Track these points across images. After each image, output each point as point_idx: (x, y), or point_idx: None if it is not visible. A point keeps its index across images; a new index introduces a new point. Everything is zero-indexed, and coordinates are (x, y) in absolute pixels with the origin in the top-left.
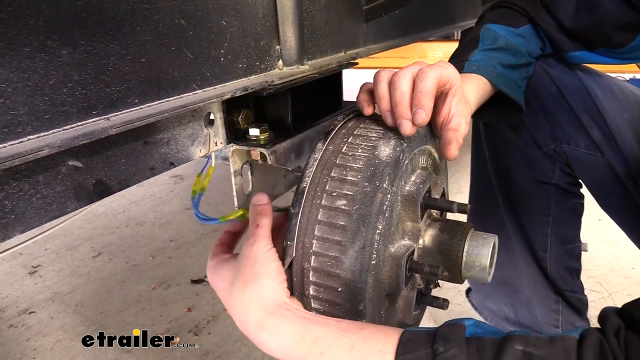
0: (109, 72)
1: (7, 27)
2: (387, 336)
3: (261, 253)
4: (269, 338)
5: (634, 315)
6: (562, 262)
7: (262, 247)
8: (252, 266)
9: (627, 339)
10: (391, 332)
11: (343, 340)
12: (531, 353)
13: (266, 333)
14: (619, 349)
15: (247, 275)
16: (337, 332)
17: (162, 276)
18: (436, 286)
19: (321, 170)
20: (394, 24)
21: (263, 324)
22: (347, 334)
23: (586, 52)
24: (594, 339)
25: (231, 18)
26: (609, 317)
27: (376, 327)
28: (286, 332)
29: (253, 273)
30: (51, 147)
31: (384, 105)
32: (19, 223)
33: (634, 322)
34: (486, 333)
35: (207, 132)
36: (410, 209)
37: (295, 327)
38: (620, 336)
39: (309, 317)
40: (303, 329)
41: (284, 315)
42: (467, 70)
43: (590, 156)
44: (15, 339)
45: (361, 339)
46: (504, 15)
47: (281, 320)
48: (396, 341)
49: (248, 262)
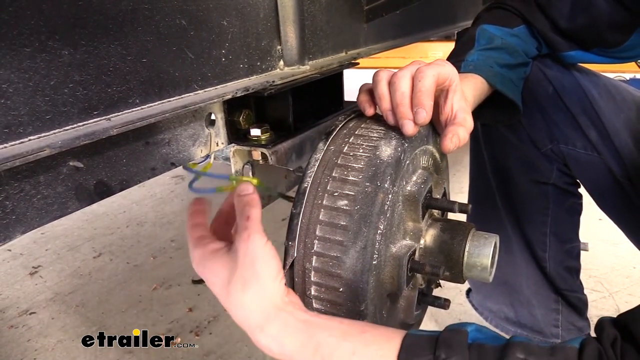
0: (110, 73)
1: (8, 27)
2: (389, 340)
3: (259, 250)
4: (271, 344)
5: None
6: (562, 261)
7: (258, 242)
8: (252, 266)
9: (623, 349)
10: (393, 336)
11: (345, 345)
12: None
13: (268, 339)
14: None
15: (247, 276)
16: (339, 337)
17: (163, 276)
18: (437, 286)
19: (322, 170)
20: (394, 24)
21: (264, 329)
22: (349, 338)
23: (581, 51)
24: (593, 349)
25: (232, 18)
26: (605, 328)
27: (378, 329)
28: (288, 339)
29: (254, 274)
30: (52, 148)
31: (385, 105)
32: (20, 224)
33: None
34: (488, 339)
35: (208, 132)
36: (412, 208)
37: (296, 334)
38: (617, 347)
39: (309, 319)
40: (305, 336)
41: (284, 320)
42: (463, 70)
43: (587, 156)
44: (15, 339)
45: (363, 343)
46: (499, 16)
47: (283, 326)
48: (398, 345)
49: (247, 261)
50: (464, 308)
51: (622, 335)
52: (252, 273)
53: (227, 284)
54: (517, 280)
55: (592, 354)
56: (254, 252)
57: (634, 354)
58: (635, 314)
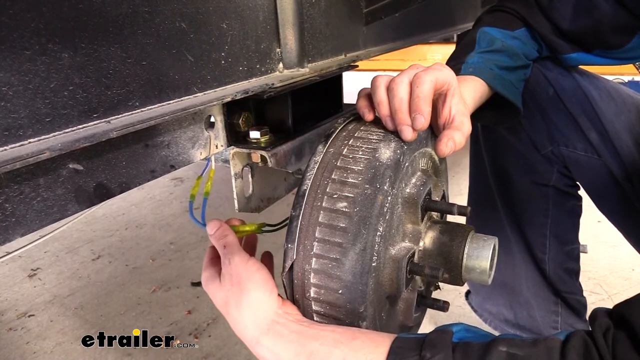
0: (110, 75)
1: (8, 30)
2: (378, 345)
3: (241, 267)
4: (267, 354)
5: (624, 314)
6: (561, 263)
7: (239, 262)
8: (239, 284)
9: (615, 337)
10: (382, 341)
11: (336, 353)
12: (515, 354)
13: (264, 350)
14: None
15: (237, 295)
16: (330, 345)
17: (162, 279)
18: (437, 288)
19: (322, 172)
20: (393, 26)
21: (260, 342)
22: (339, 346)
23: (582, 53)
24: (578, 340)
25: (232, 21)
26: (598, 317)
27: (368, 335)
28: (282, 349)
29: (242, 290)
30: (52, 150)
31: (384, 110)
32: (20, 226)
33: (623, 321)
34: (476, 337)
35: (207, 134)
36: (411, 211)
37: (289, 345)
38: (609, 335)
39: (302, 330)
40: (297, 346)
41: (278, 332)
42: (463, 73)
43: (587, 158)
44: (14, 342)
45: (353, 349)
46: (500, 18)
47: (276, 338)
48: (387, 349)
49: (233, 281)
50: (463, 310)
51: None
52: (240, 291)
53: (224, 304)
54: (516, 282)
55: (576, 344)
56: (238, 273)
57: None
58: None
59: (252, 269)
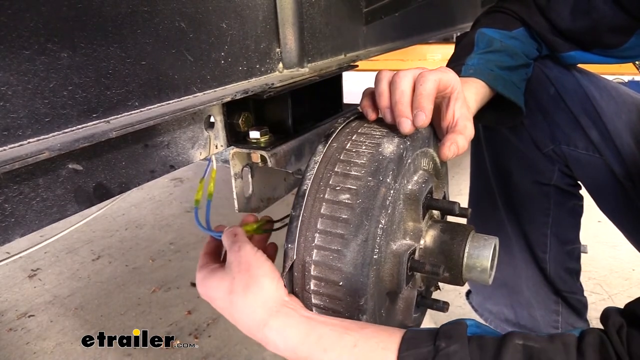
0: (109, 75)
1: (7, 29)
2: (390, 335)
3: (251, 257)
4: (276, 337)
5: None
6: (562, 263)
7: (249, 251)
8: (248, 270)
9: (630, 335)
10: (393, 331)
11: (346, 338)
12: (531, 346)
13: (273, 333)
14: (621, 345)
15: (245, 280)
16: (340, 331)
17: (162, 279)
18: (437, 289)
19: (325, 165)
20: (393, 26)
21: (269, 324)
22: (350, 332)
23: (581, 52)
24: (594, 337)
25: (231, 21)
26: (611, 316)
27: (378, 326)
28: (291, 331)
29: (251, 276)
30: (51, 150)
31: (384, 102)
32: (19, 226)
33: (636, 318)
34: (487, 334)
35: (207, 134)
36: (412, 208)
37: (299, 326)
38: (623, 333)
39: (311, 316)
40: (307, 328)
41: (288, 314)
42: (464, 74)
43: (588, 157)
44: (14, 342)
45: (364, 337)
46: (498, 19)
47: (286, 319)
48: (399, 339)
49: (242, 268)
50: (463, 311)
51: (629, 322)
52: (249, 277)
53: (229, 293)
54: (517, 282)
55: (592, 341)
56: (247, 259)
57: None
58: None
59: (262, 258)
